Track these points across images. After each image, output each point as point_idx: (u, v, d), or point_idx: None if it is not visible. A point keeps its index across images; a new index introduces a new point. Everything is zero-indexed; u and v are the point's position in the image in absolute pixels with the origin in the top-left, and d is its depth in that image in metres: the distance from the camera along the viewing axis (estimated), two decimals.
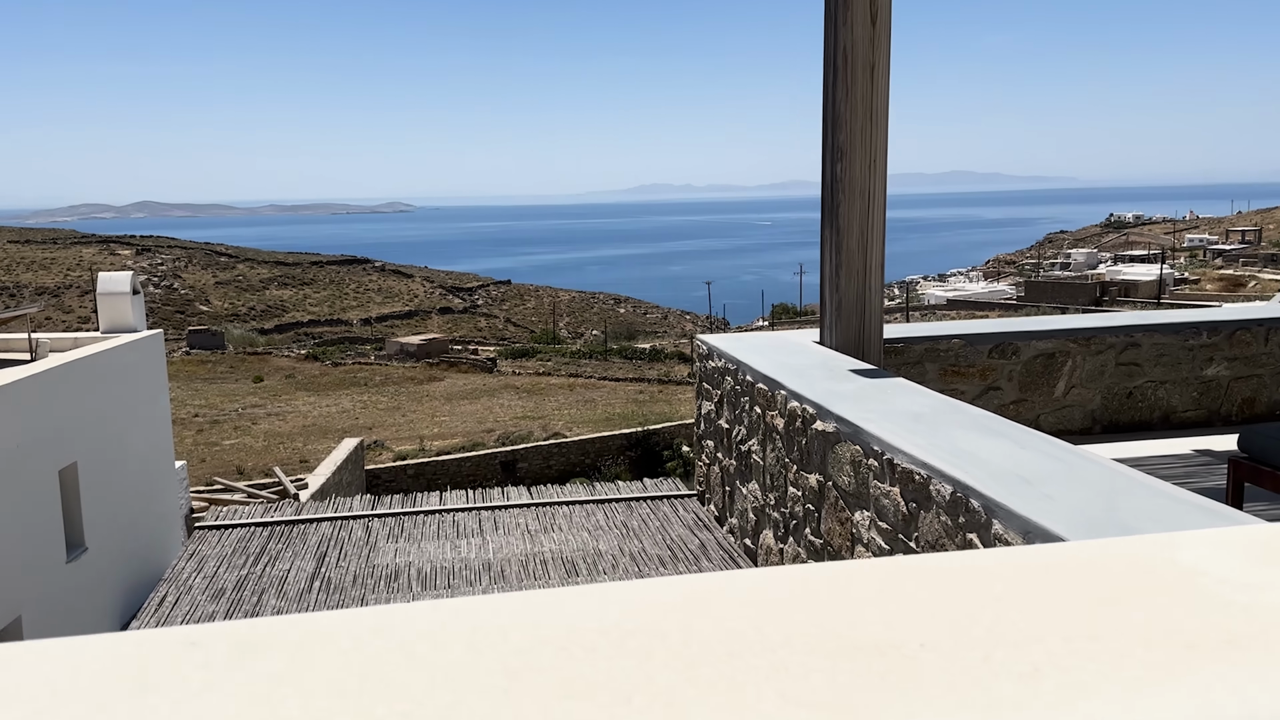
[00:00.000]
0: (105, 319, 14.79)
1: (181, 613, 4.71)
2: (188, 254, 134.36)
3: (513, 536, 5.87)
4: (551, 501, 6.39)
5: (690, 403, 53.91)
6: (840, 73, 5.75)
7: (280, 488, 22.35)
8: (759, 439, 5.37)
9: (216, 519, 6.04)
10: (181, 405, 54.70)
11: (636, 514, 6.23)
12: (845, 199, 5.77)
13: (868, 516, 4.04)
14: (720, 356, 6.09)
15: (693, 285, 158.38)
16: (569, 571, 5.38)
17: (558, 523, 6.10)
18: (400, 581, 5.23)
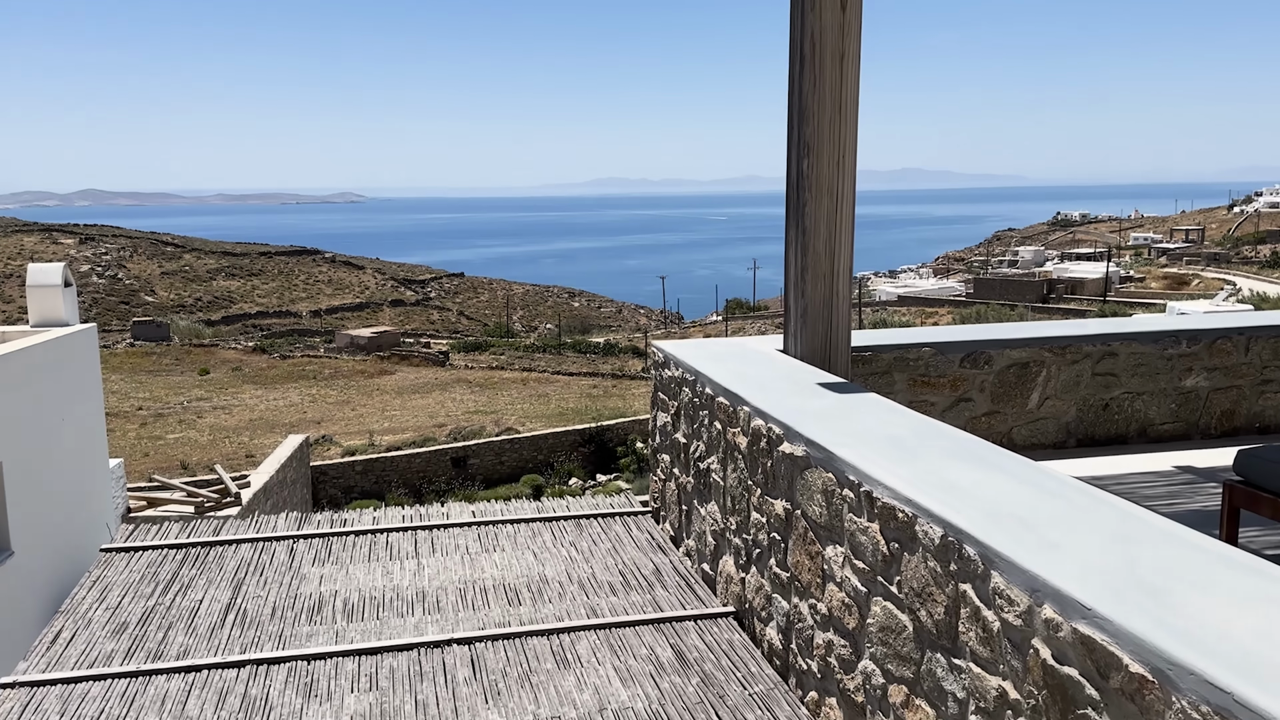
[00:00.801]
0: (35, 312, 14.07)
1: (76, 652, 4.19)
2: (133, 243, 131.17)
3: (451, 559, 5.41)
4: (494, 520, 5.93)
5: (644, 398, 53.59)
6: (808, 62, 5.35)
7: (222, 486, 21.58)
8: (719, 457, 4.97)
9: (126, 539, 5.50)
10: (125, 398, 53.22)
11: (586, 533, 5.79)
12: (812, 197, 5.37)
13: (841, 552, 3.66)
14: (678, 365, 5.67)
15: (648, 279, 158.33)
16: (511, 600, 4.94)
17: (500, 543, 5.65)
18: (324, 614, 4.74)
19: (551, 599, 4.91)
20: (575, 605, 4.83)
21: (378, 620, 4.65)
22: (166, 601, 4.77)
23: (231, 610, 4.70)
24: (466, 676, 4.18)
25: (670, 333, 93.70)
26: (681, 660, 4.34)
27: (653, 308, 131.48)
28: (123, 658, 4.18)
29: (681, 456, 5.62)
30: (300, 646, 4.35)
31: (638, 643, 4.47)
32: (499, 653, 4.37)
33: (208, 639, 4.40)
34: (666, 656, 4.36)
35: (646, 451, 36.88)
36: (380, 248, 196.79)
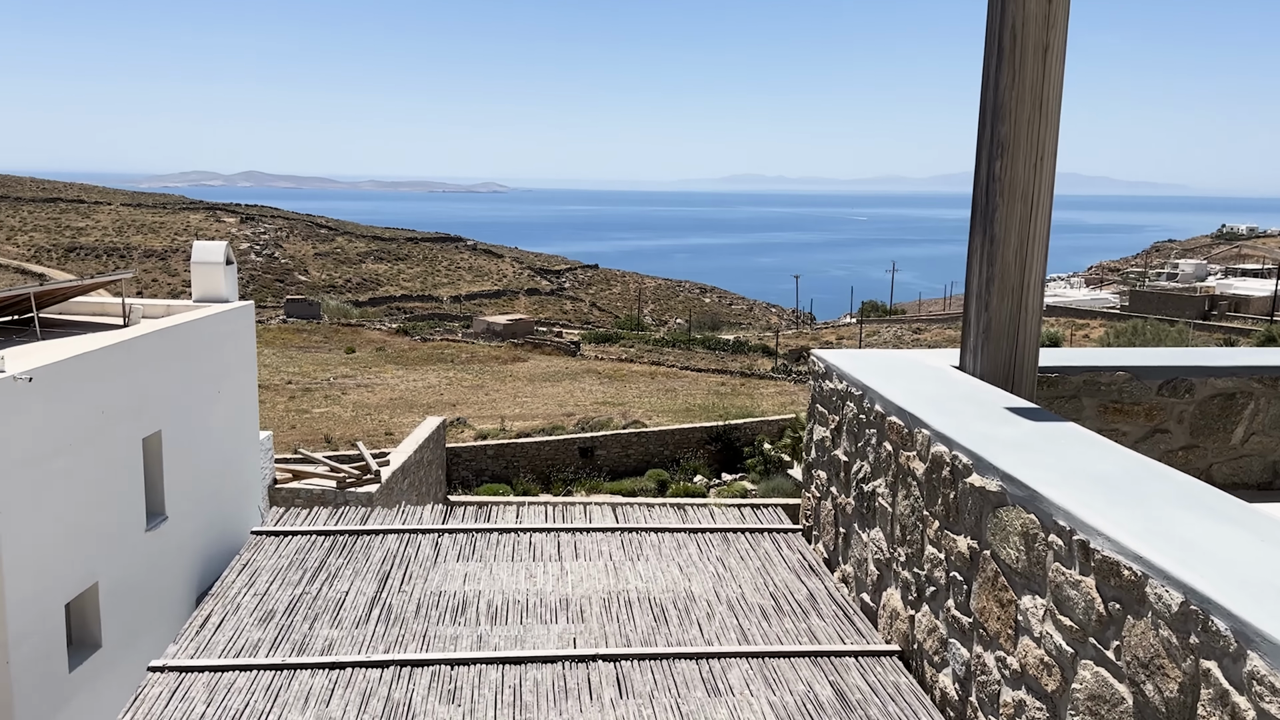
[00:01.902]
0: (198, 288, 14.67)
1: (224, 639, 4.16)
2: (290, 224, 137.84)
3: (594, 566, 5.21)
4: (639, 528, 5.71)
5: (773, 398, 52.79)
6: (1007, 55, 4.91)
7: (363, 463, 22.22)
8: (887, 481, 4.60)
9: (276, 523, 5.52)
10: (276, 372, 55.82)
11: (734, 549, 5.50)
12: (1004, 202, 4.93)
13: (1042, 605, 3.26)
14: (841, 378, 5.32)
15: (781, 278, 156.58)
16: (657, 618, 4.69)
17: (644, 553, 5.42)
18: (468, 615, 4.61)
19: (699, 619, 4.65)
20: (725, 628, 4.56)
21: (521, 626, 4.48)
22: (313, 591, 4.73)
23: (376, 605, 4.62)
24: (613, 698, 3.96)
25: (801, 332, 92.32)
26: (843, 702, 4.01)
27: (784, 306, 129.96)
28: (269, 648, 4.14)
29: (841, 476, 5.27)
30: (444, 649, 4.22)
31: (794, 677, 4.16)
32: (646, 674, 4.14)
33: (352, 634, 4.32)
34: (826, 696, 4.04)
35: (774, 454, 36.28)
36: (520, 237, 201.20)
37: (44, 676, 9.48)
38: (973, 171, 5.16)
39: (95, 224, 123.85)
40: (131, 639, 11.19)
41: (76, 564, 10.14)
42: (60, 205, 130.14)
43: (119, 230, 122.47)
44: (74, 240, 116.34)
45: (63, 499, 9.83)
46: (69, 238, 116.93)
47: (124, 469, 11.22)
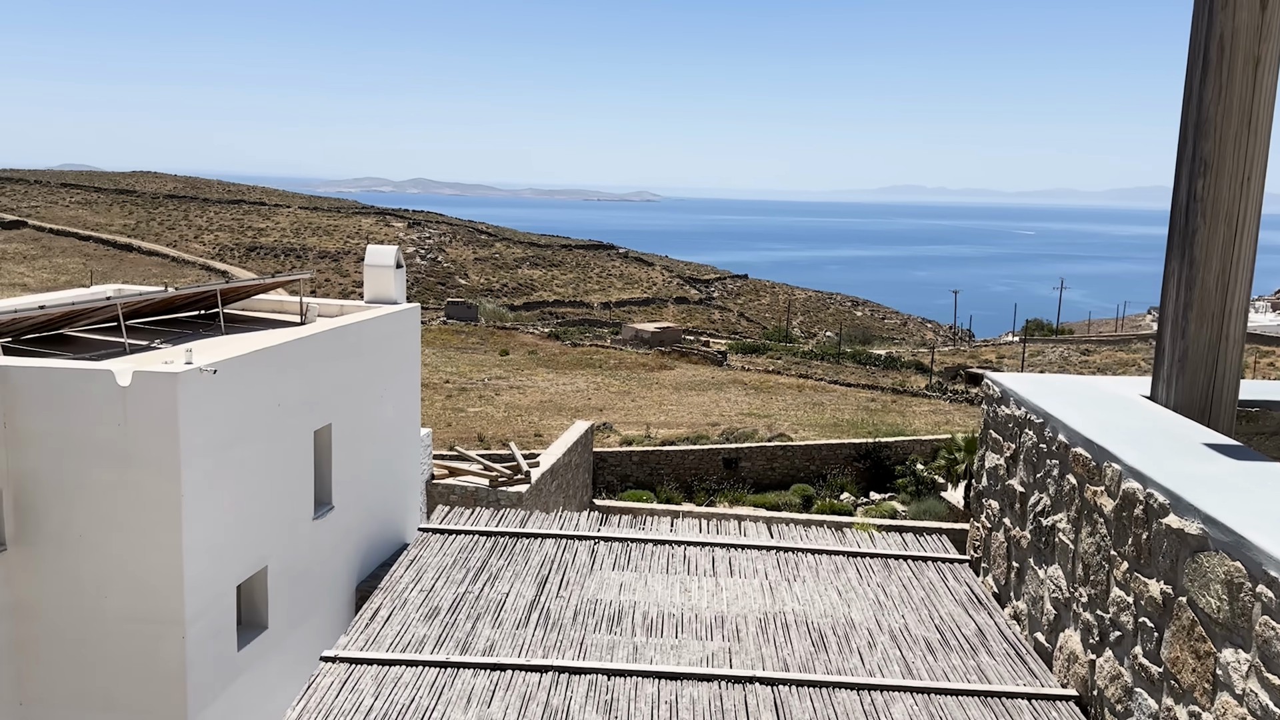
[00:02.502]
0: (370, 289, 15.34)
1: (392, 633, 4.31)
2: (453, 230, 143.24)
3: (750, 585, 5.13)
4: (795, 547, 5.60)
5: (926, 417, 51.22)
6: (1213, 68, 4.58)
7: (514, 463, 22.79)
8: (1070, 516, 4.35)
9: (441, 521, 5.69)
10: (435, 371, 58.04)
11: (896, 576, 5.33)
12: (1205, 224, 4.59)
13: (1246, 660, 3.00)
14: (1018, 403, 5.07)
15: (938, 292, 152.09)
16: (816, 643, 4.58)
17: (801, 574, 5.31)
18: (623, 626, 4.62)
19: (860, 648, 4.51)
20: (887, 659, 4.41)
21: (676, 640, 4.46)
22: (475, 591, 4.84)
23: (535, 608, 4.70)
24: None
25: (959, 350, 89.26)
26: None
27: (941, 322, 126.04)
28: (433, 645, 4.26)
29: (1016, 507, 5.02)
30: (601, 659, 4.24)
31: (962, 716, 3.98)
32: (804, 701, 4.04)
33: (512, 636, 4.40)
34: None
35: (927, 475, 35.16)
36: (670, 245, 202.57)
37: (215, 654, 10.03)
38: (1170, 189, 4.84)
39: (275, 225, 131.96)
40: (295, 623, 11.74)
41: (249, 548, 10.68)
42: (244, 207, 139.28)
43: (296, 232, 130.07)
44: (255, 240, 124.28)
45: (239, 486, 10.38)
46: (250, 238, 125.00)
47: (296, 460, 11.77)
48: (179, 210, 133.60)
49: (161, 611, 9.15)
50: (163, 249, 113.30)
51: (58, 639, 9.05)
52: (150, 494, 9.11)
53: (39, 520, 8.98)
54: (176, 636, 9.14)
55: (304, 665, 11.60)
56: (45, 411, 8.87)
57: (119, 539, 9.17)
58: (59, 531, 9.07)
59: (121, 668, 9.15)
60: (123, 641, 9.14)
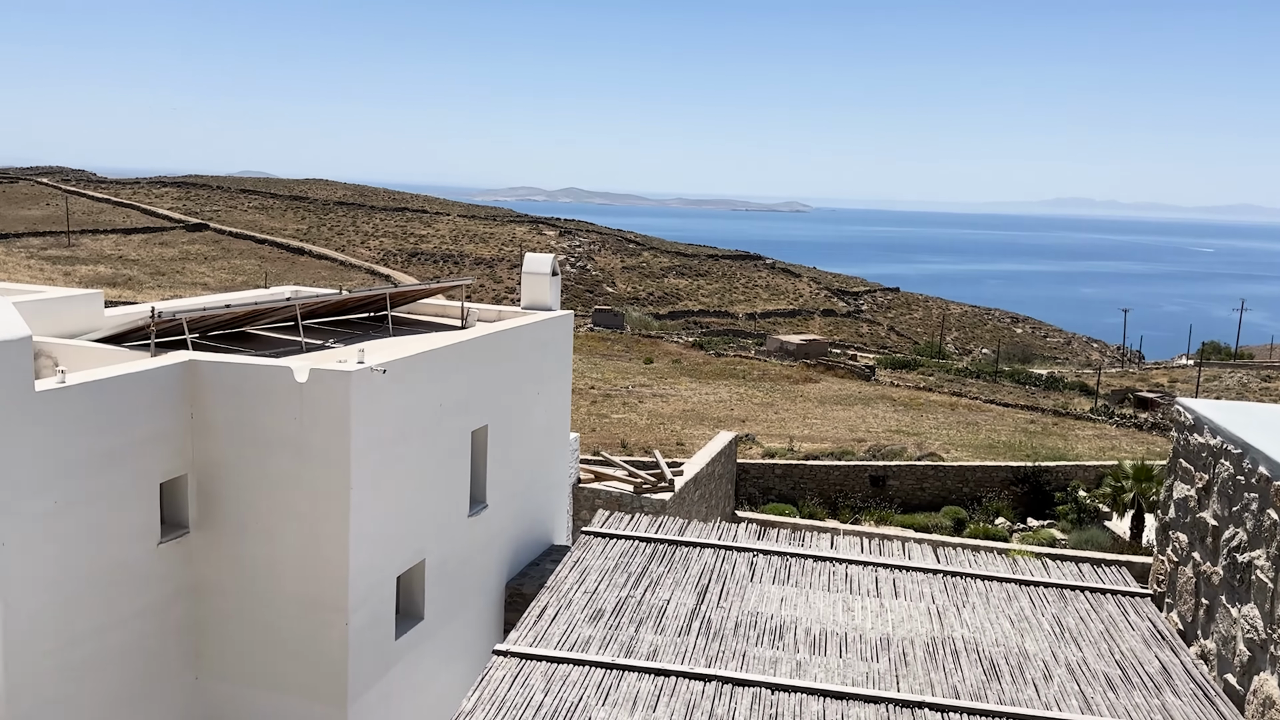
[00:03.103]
0: (526, 296, 15.74)
1: (559, 631, 4.40)
2: (602, 239, 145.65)
3: (916, 608, 4.99)
4: (964, 573, 5.41)
5: (1090, 441, 48.69)
6: None
7: (658, 471, 22.92)
8: (1270, 553, 4.04)
9: (602, 525, 5.77)
10: (580, 377, 59.15)
11: (1072, 607, 5.07)
12: None
13: None
14: (1214, 432, 4.75)
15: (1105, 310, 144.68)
16: (987, 672, 4.41)
17: (971, 600, 5.12)
18: (786, 641, 4.56)
19: (1035, 679, 4.31)
20: (1065, 693, 4.20)
21: (840, 660, 4.38)
22: (637, 595, 4.88)
23: (696, 617, 4.70)
24: None
25: (1127, 372, 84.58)
26: None
27: (1108, 342, 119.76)
28: (599, 646, 4.31)
29: (1208, 541, 4.70)
30: (764, 672, 4.21)
31: None
32: None
33: (674, 642, 4.41)
34: None
35: (1090, 503, 33.40)
36: (818, 257, 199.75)
37: (375, 641, 10.44)
38: None
39: (435, 232, 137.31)
40: (449, 616, 12.11)
41: (409, 541, 11.09)
42: (407, 214, 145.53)
43: (454, 239, 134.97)
44: (416, 246, 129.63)
45: (401, 481, 10.80)
46: (412, 244, 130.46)
47: (454, 458, 12.16)
48: (347, 217, 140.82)
49: (327, 598, 9.59)
50: (332, 253, 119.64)
51: (232, 620, 9.58)
52: (321, 485, 9.57)
53: (220, 506, 9.56)
54: (340, 623, 9.56)
55: (457, 657, 11.97)
56: (229, 403, 9.41)
57: (291, 527, 9.67)
58: (238, 517, 9.63)
59: (289, 650, 9.59)
60: (291, 625, 9.59)
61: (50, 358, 9.17)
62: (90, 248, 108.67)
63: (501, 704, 3.74)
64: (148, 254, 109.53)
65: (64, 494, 7.65)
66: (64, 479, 7.64)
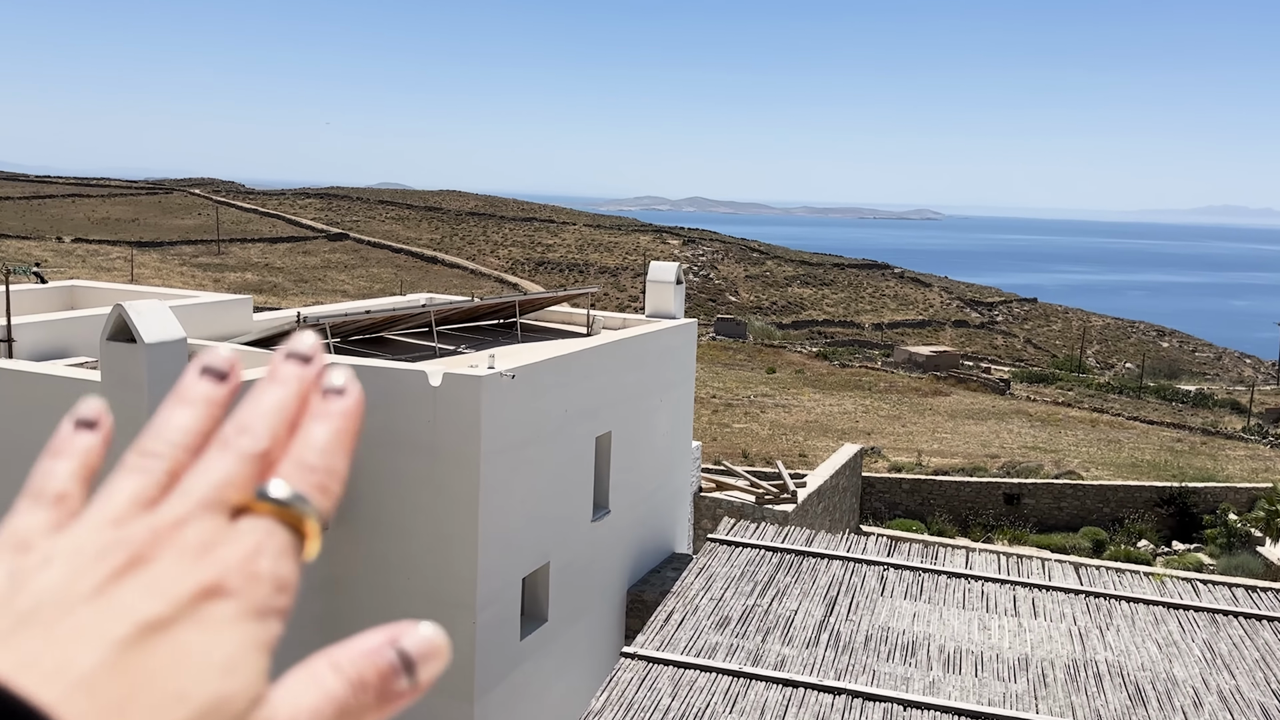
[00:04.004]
0: (651, 304, 15.86)
1: (685, 637, 4.41)
2: (725, 248, 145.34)
3: (1056, 629, 4.79)
4: (1107, 594, 5.17)
5: (1241, 462, 45.81)
6: None
7: (780, 482, 22.69)
8: None
9: (728, 533, 5.74)
10: (702, 386, 59.11)
11: (1225, 633, 4.78)
12: None
13: None
14: None
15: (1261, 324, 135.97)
16: (1133, 697, 4.20)
17: (1115, 622, 4.89)
18: (918, 657, 4.45)
19: (1184, 706, 4.09)
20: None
21: (976, 679, 4.24)
22: (764, 605, 4.85)
23: (825, 629, 4.64)
24: None
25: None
26: None
27: (1263, 358, 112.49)
28: (725, 653, 4.31)
29: None
30: (895, 688, 4.12)
31: None
32: None
33: (802, 653, 4.36)
34: None
35: (1241, 527, 31.41)
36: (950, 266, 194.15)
37: (501, 640, 10.68)
38: None
39: (561, 241, 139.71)
40: (572, 618, 12.27)
41: (534, 544, 11.30)
42: (534, 224, 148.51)
43: (580, 248, 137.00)
44: (543, 255, 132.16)
45: (528, 485, 11.02)
46: (539, 253, 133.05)
47: (579, 463, 12.35)
48: (478, 227, 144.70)
49: (457, 596, 9.86)
50: (463, 262, 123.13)
51: (364, 614, 9.94)
52: (452, 486, 9.86)
53: (357, 504, 9.96)
54: (468, 621, 9.81)
55: (579, 659, 12.12)
56: (367, 405, 9.80)
57: (424, 526, 9.99)
58: (373, 515, 10.00)
59: None
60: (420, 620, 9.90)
61: None
62: (239, 255, 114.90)
63: (630, 705, 3.76)
64: (292, 262, 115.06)
65: None
66: None
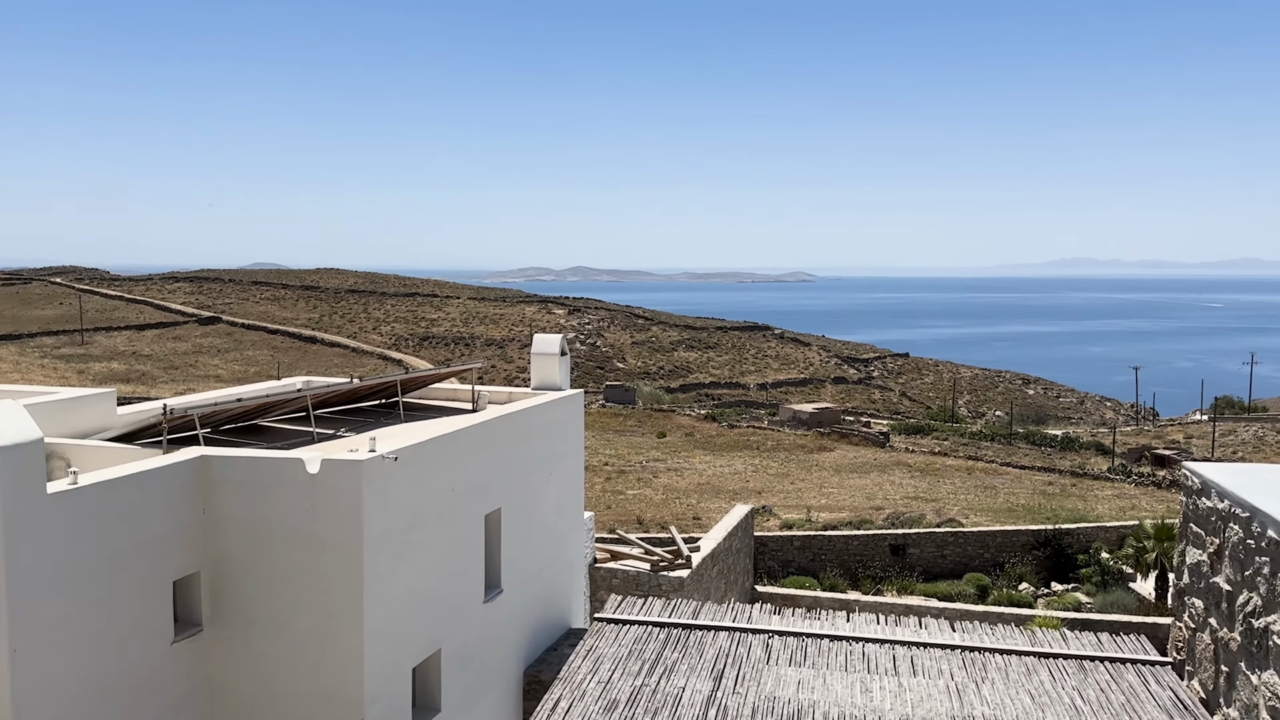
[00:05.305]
0: (536, 376, 15.81)
1: None
2: (611, 315, 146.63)
3: (935, 685, 4.93)
4: (981, 647, 5.35)
5: (1109, 501, 48.09)
6: None
7: (675, 548, 22.70)
8: None
9: (615, 610, 5.74)
10: (594, 453, 58.93)
11: (1092, 679, 5.00)
12: None
13: None
14: (1221, 496, 4.74)
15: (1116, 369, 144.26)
16: None
17: (989, 675, 5.06)
18: None
19: None
20: None
21: None
22: (651, 684, 4.84)
23: (712, 704, 4.65)
24: None
25: (1142, 429, 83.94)
26: None
27: (1121, 400, 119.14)
28: None
29: (1223, 606, 4.66)
30: None
31: None
32: None
33: None
34: None
35: (1113, 564, 32.89)
36: (827, 325, 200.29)
37: None
38: None
39: (446, 315, 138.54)
40: (466, 705, 11.90)
41: (424, 631, 10.95)
42: (417, 299, 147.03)
43: (465, 321, 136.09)
44: (427, 330, 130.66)
45: (416, 569, 10.71)
46: (423, 328, 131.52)
47: (468, 543, 12.08)
48: (359, 304, 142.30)
49: (343, 692, 9.46)
50: (344, 340, 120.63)
51: (245, 718, 9.46)
52: (335, 577, 9.52)
53: (234, 602, 9.52)
54: (356, 718, 9.42)
55: None
56: (241, 498, 9.42)
57: (305, 621, 9.60)
58: (251, 613, 9.57)
59: None
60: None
61: (63, 459, 9.25)
62: (104, 345, 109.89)
63: None
64: (161, 349, 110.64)
65: (77, 596, 7.64)
66: (77, 581, 7.64)
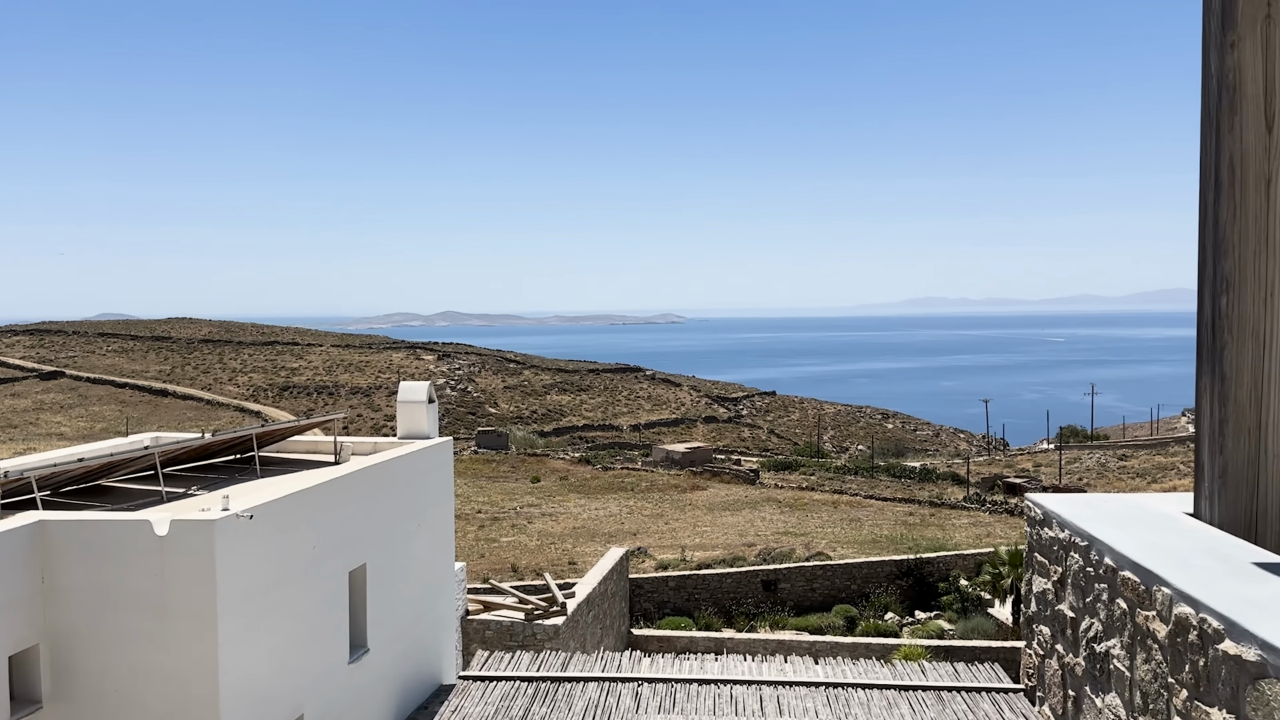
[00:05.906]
0: (403, 425, 15.44)
1: None
2: (482, 360, 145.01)
3: None
4: (845, 683, 5.47)
5: (966, 530, 50.18)
6: (1225, 189, 4.69)
7: (549, 595, 22.44)
8: (1123, 642, 4.26)
9: (481, 667, 5.62)
10: (466, 501, 57.85)
11: (950, 709, 5.18)
12: (1233, 340, 4.63)
13: None
14: (1061, 525, 5.02)
15: (968, 402, 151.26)
16: None
17: (853, 710, 5.17)
18: None
19: None
20: None
21: None
22: None
23: None
24: None
25: (994, 459, 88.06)
26: None
27: (974, 432, 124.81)
28: None
29: (1068, 633, 4.91)
30: None
31: None
32: None
33: None
34: None
35: (972, 591, 34.23)
36: (697, 366, 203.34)
37: None
38: (1192, 291, 4.90)
39: (308, 364, 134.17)
40: None
41: (285, 697, 10.48)
42: (277, 348, 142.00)
43: (329, 369, 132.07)
44: (288, 380, 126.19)
45: (275, 632, 10.26)
46: (284, 377, 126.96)
47: (332, 602, 11.65)
48: (213, 354, 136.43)
49: None
50: (198, 393, 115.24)
51: None
52: (187, 644, 9.03)
53: (76, 675, 8.91)
54: None
55: None
56: (83, 564, 8.88)
57: (156, 693, 9.06)
58: (97, 687, 8.97)
59: None
60: None
61: None
62: None
63: None
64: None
65: None
66: None
